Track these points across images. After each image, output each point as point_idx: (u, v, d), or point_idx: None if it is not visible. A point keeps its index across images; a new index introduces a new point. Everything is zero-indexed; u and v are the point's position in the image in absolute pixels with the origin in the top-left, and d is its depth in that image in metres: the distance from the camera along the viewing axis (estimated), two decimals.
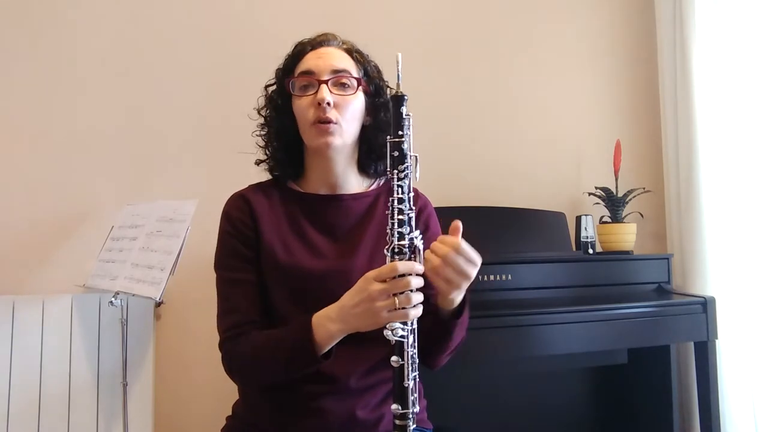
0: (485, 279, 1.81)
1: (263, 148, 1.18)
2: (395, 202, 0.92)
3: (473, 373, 2.01)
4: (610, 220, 2.23)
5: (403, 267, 0.89)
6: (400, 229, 0.91)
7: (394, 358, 0.89)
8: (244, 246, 1.09)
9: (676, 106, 2.30)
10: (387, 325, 0.89)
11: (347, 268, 1.05)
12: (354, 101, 1.09)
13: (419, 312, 0.90)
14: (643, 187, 2.29)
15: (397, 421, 0.90)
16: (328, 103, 1.05)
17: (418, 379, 0.92)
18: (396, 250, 0.91)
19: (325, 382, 1.04)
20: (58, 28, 2.01)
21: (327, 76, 1.07)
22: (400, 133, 0.93)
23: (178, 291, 1.96)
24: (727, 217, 2.14)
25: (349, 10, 2.24)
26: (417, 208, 1.14)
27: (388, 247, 0.92)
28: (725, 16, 2.18)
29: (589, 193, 2.30)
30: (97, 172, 2.02)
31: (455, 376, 1.94)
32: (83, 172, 2.01)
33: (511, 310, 1.69)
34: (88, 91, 2.03)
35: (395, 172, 0.93)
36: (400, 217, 0.92)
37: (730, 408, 2.07)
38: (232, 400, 1.17)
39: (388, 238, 0.92)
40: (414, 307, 0.89)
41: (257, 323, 1.05)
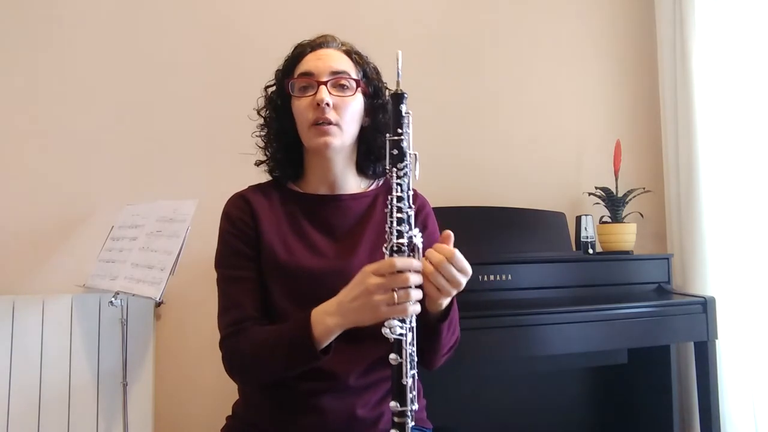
0: (485, 279, 1.81)
1: (263, 149, 1.19)
2: (394, 200, 0.92)
3: (473, 373, 2.01)
4: (610, 220, 2.24)
5: (401, 263, 0.89)
6: (399, 227, 0.91)
7: (393, 355, 0.89)
8: (244, 244, 1.09)
9: (676, 106, 2.30)
10: (385, 323, 0.89)
11: (347, 268, 1.05)
12: (353, 102, 1.09)
13: (418, 309, 0.90)
14: (643, 187, 2.30)
15: (395, 418, 0.90)
16: (327, 104, 1.06)
17: (417, 377, 0.92)
18: (395, 248, 0.91)
19: (324, 380, 1.04)
20: (59, 29, 2.02)
21: (326, 78, 1.08)
22: (400, 131, 0.93)
23: (178, 291, 1.96)
24: (727, 217, 2.14)
25: (349, 11, 2.24)
26: (415, 207, 1.14)
27: (387, 245, 0.92)
28: (725, 16, 2.18)
29: (589, 193, 2.30)
30: (97, 172, 2.02)
31: (455, 376, 1.94)
32: (83, 172, 2.01)
33: (511, 310, 1.69)
34: (89, 91, 2.03)
35: (394, 170, 0.93)
36: (399, 215, 0.91)
37: (730, 408, 2.07)
38: (232, 400, 1.17)
39: (387, 236, 0.92)
40: (413, 303, 0.89)
41: (257, 320, 1.05)
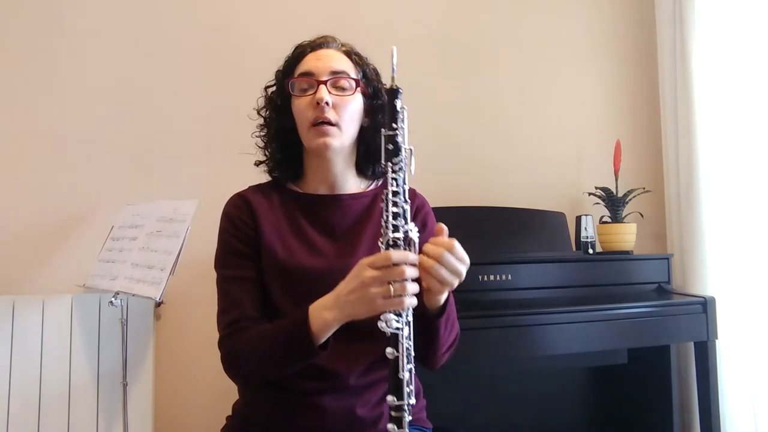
0: (485, 279, 1.81)
1: (263, 149, 1.19)
2: (390, 194, 0.92)
3: (473, 372, 2.01)
4: (610, 220, 2.23)
5: (397, 256, 0.89)
6: (394, 222, 0.92)
7: (389, 349, 0.89)
8: (244, 244, 1.09)
9: (676, 106, 2.30)
10: (381, 317, 0.89)
11: (346, 267, 1.04)
12: (352, 102, 1.10)
13: (414, 302, 0.90)
14: (643, 187, 2.29)
15: (392, 412, 0.90)
16: (327, 103, 1.06)
17: (414, 372, 0.92)
18: (391, 242, 0.91)
19: (325, 379, 1.04)
20: (58, 28, 2.02)
21: (326, 77, 1.08)
22: (395, 126, 0.94)
23: (178, 291, 1.96)
24: (727, 217, 2.14)
25: (349, 11, 2.24)
26: (414, 206, 1.16)
27: (382, 239, 0.92)
28: (725, 16, 2.18)
29: (589, 193, 2.30)
30: (97, 172, 2.02)
31: (455, 376, 1.94)
32: (83, 172, 2.01)
33: (511, 310, 1.69)
34: (89, 91, 2.03)
35: (390, 165, 0.94)
36: (395, 209, 0.92)
37: (730, 408, 2.07)
38: (232, 400, 1.17)
39: (382, 230, 0.92)
40: (409, 296, 0.89)
41: (256, 320, 1.05)
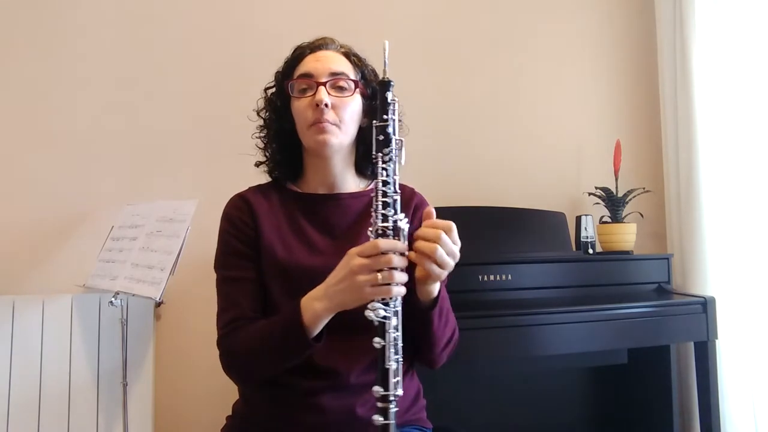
0: (485, 279, 1.81)
1: (262, 150, 1.20)
2: (380, 184, 0.94)
3: (473, 372, 2.01)
4: (610, 220, 2.23)
5: (385, 244, 0.90)
6: (384, 211, 0.92)
7: (377, 339, 0.90)
8: (244, 244, 1.10)
9: (676, 106, 2.30)
10: (369, 305, 0.89)
11: None
12: (351, 103, 1.11)
13: (402, 290, 0.91)
14: (643, 187, 2.29)
15: (378, 403, 0.90)
16: (326, 104, 1.07)
17: (401, 362, 0.92)
18: (380, 231, 0.92)
19: (324, 378, 1.04)
20: (59, 28, 2.02)
21: (325, 79, 1.09)
22: (385, 117, 0.95)
23: (178, 291, 1.96)
24: (727, 217, 2.14)
25: (348, 11, 2.24)
26: (413, 205, 1.17)
27: (372, 228, 0.93)
28: (725, 17, 2.17)
29: (589, 193, 2.30)
30: (97, 172, 2.02)
31: (455, 376, 1.94)
32: (83, 172, 2.01)
33: (511, 310, 1.69)
34: (89, 91, 2.03)
35: (380, 155, 0.95)
36: (385, 199, 0.93)
37: (730, 408, 2.07)
38: (232, 399, 1.17)
39: (372, 219, 0.93)
40: (396, 284, 0.89)
41: (255, 319, 1.06)
